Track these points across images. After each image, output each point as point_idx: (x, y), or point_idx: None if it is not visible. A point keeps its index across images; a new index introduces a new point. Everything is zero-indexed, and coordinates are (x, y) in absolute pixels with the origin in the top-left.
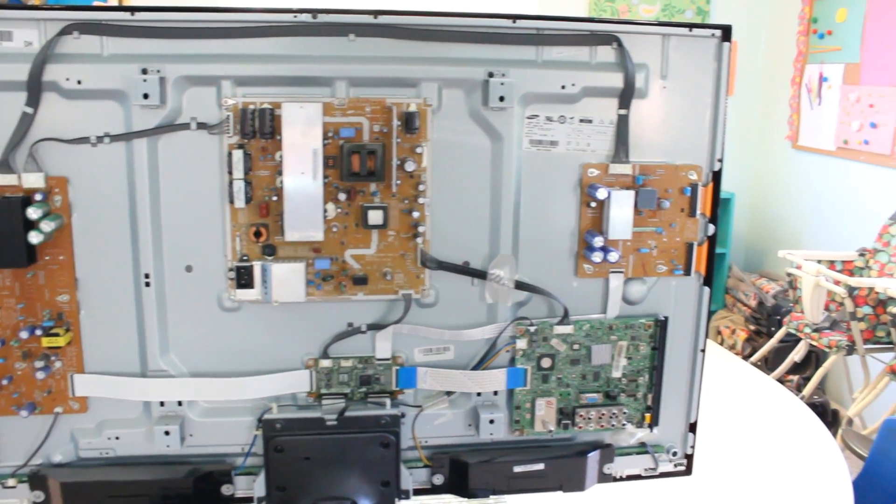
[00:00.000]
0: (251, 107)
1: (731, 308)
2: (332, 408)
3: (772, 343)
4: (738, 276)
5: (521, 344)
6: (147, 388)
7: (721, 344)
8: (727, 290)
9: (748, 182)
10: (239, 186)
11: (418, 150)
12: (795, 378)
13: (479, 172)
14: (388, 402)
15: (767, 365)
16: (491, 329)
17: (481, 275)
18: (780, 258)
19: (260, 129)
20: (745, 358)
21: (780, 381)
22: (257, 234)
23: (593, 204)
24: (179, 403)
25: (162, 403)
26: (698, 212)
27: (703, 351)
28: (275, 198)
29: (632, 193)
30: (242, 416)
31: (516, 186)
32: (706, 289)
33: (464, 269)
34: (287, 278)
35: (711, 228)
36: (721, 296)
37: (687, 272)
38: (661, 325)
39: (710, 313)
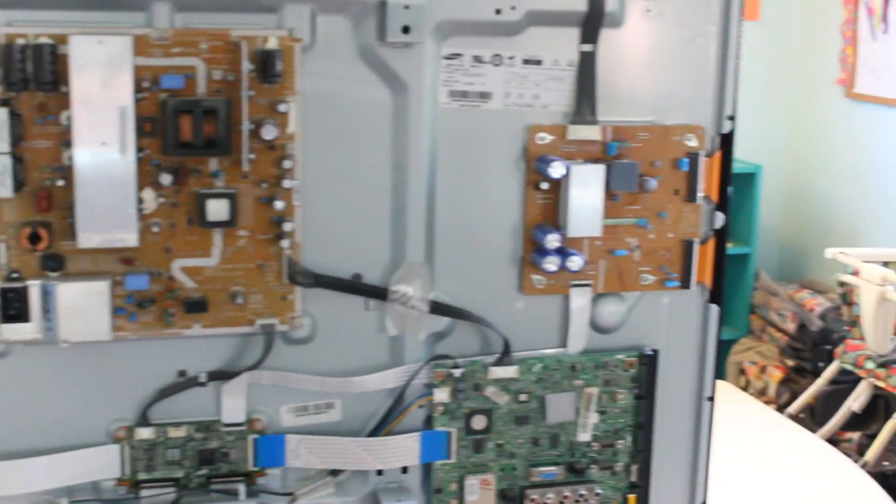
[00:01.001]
0: (20, 41)
1: (758, 335)
2: (157, 502)
3: (819, 385)
4: (768, 288)
5: (442, 395)
6: None
7: (745, 388)
8: (753, 309)
9: (781, 149)
10: (3, 165)
11: (282, 107)
12: (855, 436)
13: (375, 141)
14: (242, 489)
15: (814, 418)
16: (396, 375)
17: (380, 293)
18: (829, 260)
19: (35, 77)
20: (782, 408)
21: (833, 441)
22: (34, 239)
23: (545, 185)
24: None
25: None
26: (700, 194)
27: (713, 399)
28: (61, 182)
29: (601, 169)
30: None
31: (430, 161)
32: (714, 307)
33: (354, 286)
34: (82, 305)
35: (721, 218)
36: (744, 317)
37: (685, 284)
38: (649, 363)
39: (726, 343)
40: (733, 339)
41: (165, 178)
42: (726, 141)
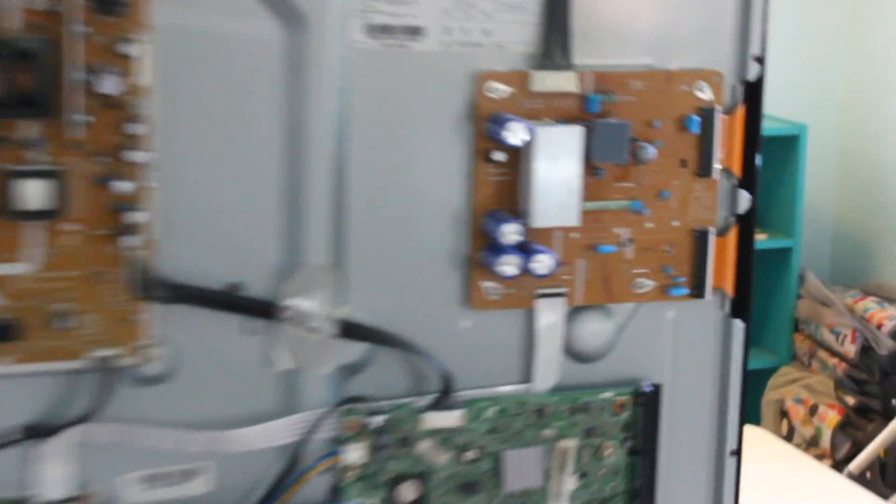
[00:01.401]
0: None
1: (806, 362)
2: None
3: (893, 430)
4: (819, 296)
5: (355, 455)
6: None
7: (788, 437)
8: (797, 326)
9: (833, 103)
10: None
11: (128, 49)
12: None
13: (261, 98)
14: None
15: (885, 479)
16: (289, 426)
17: (267, 311)
18: None
19: None
20: (840, 464)
21: None
22: None
23: (499, 156)
24: None
25: None
26: (716, 166)
27: (739, 454)
28: None
29: (578, 133)
30: None
31: (338, 125)
32: (739, 323)
33: (230, 301)
34: None
35: (747, 200)
36: (785, 337)
37: (697, 291)
38: (648, 404)
39: (759, 374)
40: (771, 367)
41: None
42: (753, 91)
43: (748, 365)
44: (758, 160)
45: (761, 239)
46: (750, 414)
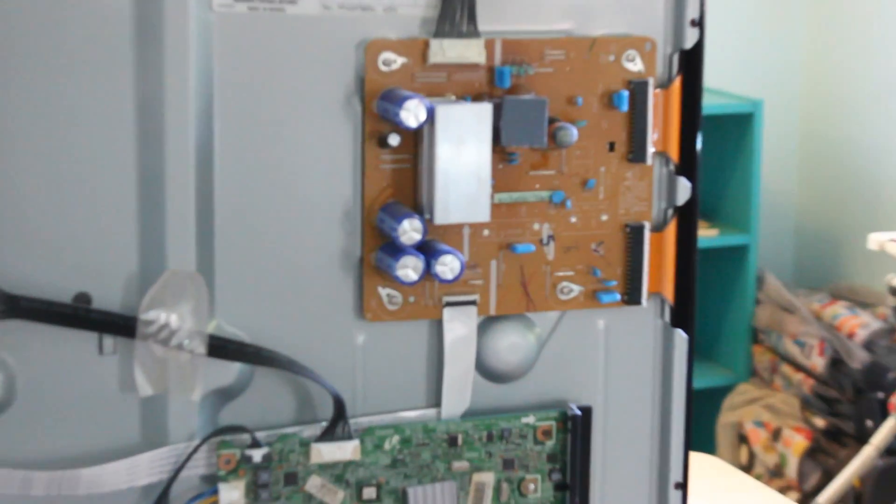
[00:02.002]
0: None
1: (766, 378)
2: None
3: (867, 458)
4: (780, 301)
5: (233, 495)
6: None
7: (747, 468)
8: (756, 337)
9: (792, 74)
10: None
11: None
12: None
13: (107, 73)
14: None
15: None
16: (152, 463)
17: (122, 326)
18: (875, 252)
19: None
20: (808, 496)
21: None
22: None
23: (394, 140)
24: None
25: None
26: (650, 150)
27: (685, 488)
28: None
29: (487, 111)
30: None
31: (200, 104)
32: (681, 334)
33: (77, 315)
34: None
35: (686, 188)
36: (741, 350)
37: (631, 297)
38: (577, 430)
39: (713, 393)
40: (726, 385)
41: None
42: (691, 60)
43: (698, 382)
44: (699, 142)
45: (712, 235)
46: (702, 440)
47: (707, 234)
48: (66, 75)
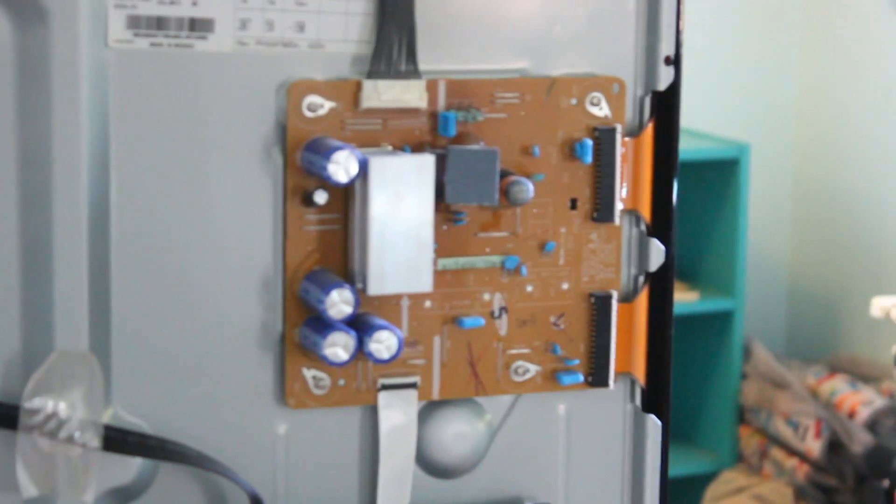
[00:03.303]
0: None
1: (755, 463)
2: None
3: None
4: (770, 375)
5: None
6: None
7: None
8: (743, 416)
9: (785, 118)
10: None
11: None
12: None
13: None
14: None
15: None
16: None
17: (2, 416)
18: (879, 320)
19: None
20: None
21: None
22: None
23: (320, 198)
24: None
25: None
26: (618, 207)
27: None
28: None
29: (430, 163)
30: None
31: (95, 154)
32: (653, 420)
33: None
34: None
35: (660, 252)
36: (726, 432)
37: (597, 378)
38: None
39: (693, 482)
40: (709, 472)
41: None
42: (666, 104)
43: (677, 469)
44: (675, 196)
45: (691, 299)
46: None
47: (686, 299)
48: None
